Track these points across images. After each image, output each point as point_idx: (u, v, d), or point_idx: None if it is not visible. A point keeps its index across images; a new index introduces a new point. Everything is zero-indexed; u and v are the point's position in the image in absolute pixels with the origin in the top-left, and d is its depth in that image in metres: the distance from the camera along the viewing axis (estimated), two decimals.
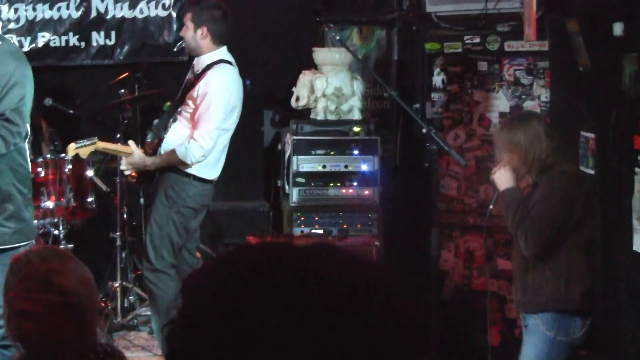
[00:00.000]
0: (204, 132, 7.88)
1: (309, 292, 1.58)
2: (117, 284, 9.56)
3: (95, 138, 8.13)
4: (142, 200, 9.54)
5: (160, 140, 8.28)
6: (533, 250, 6.11)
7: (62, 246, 8.38)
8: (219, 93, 7.94)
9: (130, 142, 8.20)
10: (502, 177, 6.35)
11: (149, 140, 8.45)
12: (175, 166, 8.02)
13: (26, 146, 7.03)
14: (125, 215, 9.75)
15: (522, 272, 6.40)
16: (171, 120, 8.30)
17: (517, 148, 6.21)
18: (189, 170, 8.00)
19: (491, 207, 6.84)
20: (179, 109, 8.26)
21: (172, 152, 7.96)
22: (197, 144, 7.85)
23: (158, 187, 8.21)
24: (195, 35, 8.15)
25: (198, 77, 8.09)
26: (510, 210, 6.27)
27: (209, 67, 8.04)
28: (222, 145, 8.18)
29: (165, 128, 8.32)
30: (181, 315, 1.70)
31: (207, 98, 7.91)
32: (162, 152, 8.16)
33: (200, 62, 8.18)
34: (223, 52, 8.22)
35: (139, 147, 8.18)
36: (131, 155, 8.05)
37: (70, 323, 3.68)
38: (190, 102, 8.06)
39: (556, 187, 6.15)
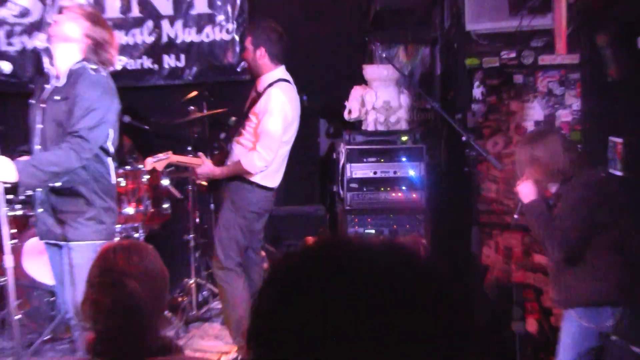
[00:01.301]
0: (265, 144, 8.01)
1: (374, 284, 1.67)
2: (191, 281, 9.84)
3: (170, 152, 8.27)
4: (212, 205, 9.74)
5: (227, 152, 8.50)
6: (560, 256, 6.22)
7: None
8: (278, 109, 8.05)
9: (200, 154, 8.39)
10: (525, 191, 6.41)
11: (216, 152, 8.79)
12: (240, 175, 8.18)
13: (110, 161, 7.04)
14: (197, 220, 10.05)
15: (555, 274, 6.48)
16: (236, 134, 8.44)
17: (537, 162, 6.30)
18: (252, 179, 8.16)
19: (516, 216, 6.84)
20: (243, 124, 8.38)
21: (238, 163, 8.10)
22: (259, 155, 7.99)
23: (225, 194, 8.39)
24: (254, 56, 8.30)
25: (260, 95, 8.23)
26: (536, 222, 6.37)
27: (269, 85, 8.16)
28: (282, 156, 8.31)
29: (231, 141, 8.50)
30: (268, 299, 1.80)
31: (268, 114, 8.05)
32: (228, 162, 8.32)
33: (261, 81, 8.29)
34: (281, 71, 8.32)
35: (208, 158, 8.39)
36: (201, 166, 8.23)
37: (132, 320, 3.81)
38: (253, 118, 8.20)
39: (578, 197, 6.17)
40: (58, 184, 6.70)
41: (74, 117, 6.58)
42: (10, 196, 8.68)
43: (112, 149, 7.04)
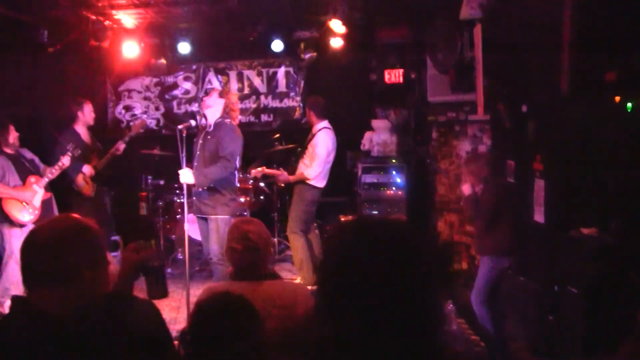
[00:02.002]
0: (316, 164, 8.44)
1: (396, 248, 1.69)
2: (275, 239, 10.13)
3: (264, 167, 8.82)
4: (287, 197, 9.83)
5: (295, 168, 8.76)
6: (481, 225, 6.55)
7: None
8: (322, 144, 8.47)
9: (281, 169, 8.86)
10: (465, 189, 6.68)
11: (289, 167, 8.93)
12: (303, 180, 8.57)
13: (236, 172, 7.50)
14: (278, 205, 10.34)
15: (478, 236, 6.79)
16: (301, 157, 8.79)
17: (472, 173, 6.62)
18: (310, 182, 8.53)
19: (462, 203, 7.28)
20: (304, 152, 8.73)
21: (301, 174, 8.55)
22: (313, 170, 8.46)
23: (294, 191, 8.74)
24: (308, 114, 8.79)
25: (313, 135, 8.62)
26: (470, 206, 6.72)
27: (318, 130, 8.58)
28: (326, 170, 8.60)
29: (297, 162, 8.82)
30: (330, 252, 1.82)
31: (317, 146, 8.48)
32: (296, 173, 8.65)
33: (314, 129, 8.67)
34: (325, 123, 8.61)
35: (285, 171, 8.78)
36: (281, 175, 8.72)
37: (255, 256, 3.94)
38: (310, 148, 8.59)
39: (492, 194, 6.46)
40: (211, 185, 7.25)
41: (222, 148, 7.18)
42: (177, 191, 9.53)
43: (238, 165, 7.55)
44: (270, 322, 3.12)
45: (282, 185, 9.41)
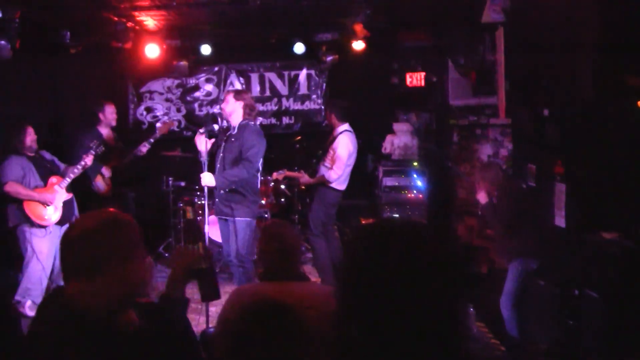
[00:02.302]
0: (337, 166, 8.36)
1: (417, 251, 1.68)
2: None
3: (285, 169, 8.89)
4: (307, 199, 9.79)
5: (316, 171, 8.85)
6: (502, 231, 6.65)
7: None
8: (344, 146, 8.40)
9: (302, 171, 8.98)
10: (481, 197, 6.76)
11: (310, 169, 9.08)
12: (323, 183, 8.51)
13: (258, 174, 7.58)
14: (299, 207, 10.32)
15: (500, 242, 6.90)
16: (322, 160, 8.76)
17: (486, 179, 6.72)
18: (331, 185, 8.48)
19: (479, 212, 7.30)
20: (326, 154, 8.67)
21: (322, 176, 8.49)
22: (334, 172, 8.38)
23: (315, 194, 8.71)
24: (330, 117, 8.78)
25: (334, 138, 8.56)
26: (488, 213, 6.79)
27: (339, 133, 8.52)
28: (347, 173, 8.51)
29: (318, 163, 8.87)
30: (351, 252, 1.83)
31: (339, 149, 8.42)
32: (317, 176, 8.63)
33: (335, 131, 8.62)
34: (346, 126, 8.56)
35: (306, 173, 8.86)
36: (302, 177, 8.77)
37: (284, 257, 3.99)
38: (331, 151, 8.52)
39: (509, 196, 6.58)
40: (233, 187, 7.30)
41: (245, 149, 7.22)
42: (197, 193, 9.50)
43: (260, 168, 7.61)
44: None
45: (303, 187, 9.39)
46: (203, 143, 7.35)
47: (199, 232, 9.79)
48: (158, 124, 11.19)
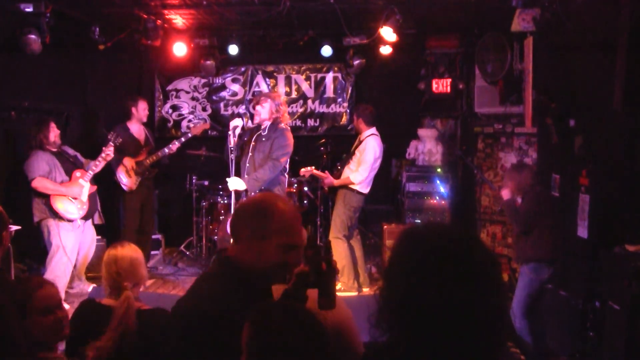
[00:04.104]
0: (363, 169, 8.47)
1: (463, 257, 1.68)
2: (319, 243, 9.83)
3: (313, 167, 8.88)
4: (330, 202, 9.74)
5: (341, 172, 8.82)
6: (519, 230, 6.67)
7: None
8: (370, 150, 8.51)
9: (326, 172, 8.90)
10: (505, 193, 6.88)
11: (335, 172, 8.97)
12: (347, 185, 8.58)
13: (286, 174, 7.80)
14: (322, 210, 10.25)
15: (516, 242, 6.92)
16: (346, 162, 8.83)
17: (514, 180, 6.80)
18: (355, 187, 8.56)
19: (501, 206, 7.41)
20: (351, 157, 8.76)
21: (347, 178, 8.56)
22: (358, 174, 8.49)
23: (338, 196, 8.72)
24: (357, 122, 8.83)
25: (361, 142, 8.69)
26: (508, 209, 6.85)
27: (366, 137, 8.63)
28: (371, 177, 8.63)
29: (343, 166, 8.86)
30: (395, 254, 1.83)
31: (365, 152, 8.53)
32: (342, 177, 8.66)
33: (362, 135, 8.73)
34: (372, 130, 8.67)
35: (331, 174, 8.80)
36: (327, 179, 8.71)
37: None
38: (357, 153, 8.64)
39: (532, 199, 6.64)
40: (263, 188, 7.39)
41: (273, 150, 7.38)
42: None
43: (287, 168, 7.77)
44: None
45: (326, 189, 9.34)
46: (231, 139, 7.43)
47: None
48: (190, 124, 11.37)
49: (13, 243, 6.29)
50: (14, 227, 7.64)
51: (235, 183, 7.28)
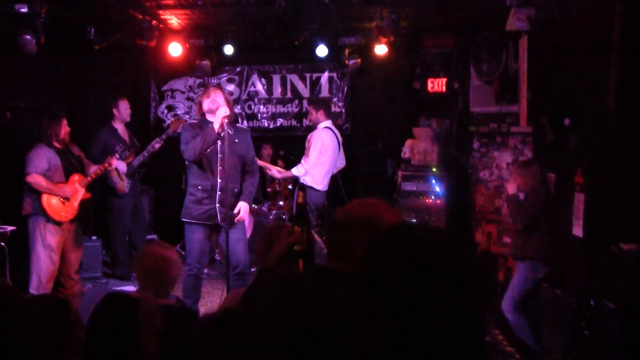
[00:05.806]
0: (305, 161, 8.56)
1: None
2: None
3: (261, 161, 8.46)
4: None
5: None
6: (520, 225, 6.70)
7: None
8: (316, 143, 8.56)
9: (275, 166, 8.99)
10: (510, 187, 6.90)
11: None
12: (292, 178, 8.73)
13: None
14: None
15: (515, 238, 6.94)
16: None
17: (521, 176, 6.77)
18: (307, 183, 8.53)
19: (503, 199, 7.40)
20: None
21: (289, 171, 8.65)
22: (301, 167, 8.56)
23: None
24: (317, 115, 8.83)
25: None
26: (511, 204, 6.87)
27: (319, 129, 8.69)
28: (324, 171, 8.60)
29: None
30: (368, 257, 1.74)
31: (312, 144, 8.61)
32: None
33: (317, 128, 8.79)
34: (328, 123, 8.76)
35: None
36: (270, 170, 8.80)
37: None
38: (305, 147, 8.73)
39: (538, 197, 6.66)
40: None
41: (251, 155, 6.98)
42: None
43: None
44: None
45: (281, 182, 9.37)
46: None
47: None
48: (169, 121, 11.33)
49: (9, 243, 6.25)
50: (9, 228, 7.76)
51: (245, 208, 6.81)
